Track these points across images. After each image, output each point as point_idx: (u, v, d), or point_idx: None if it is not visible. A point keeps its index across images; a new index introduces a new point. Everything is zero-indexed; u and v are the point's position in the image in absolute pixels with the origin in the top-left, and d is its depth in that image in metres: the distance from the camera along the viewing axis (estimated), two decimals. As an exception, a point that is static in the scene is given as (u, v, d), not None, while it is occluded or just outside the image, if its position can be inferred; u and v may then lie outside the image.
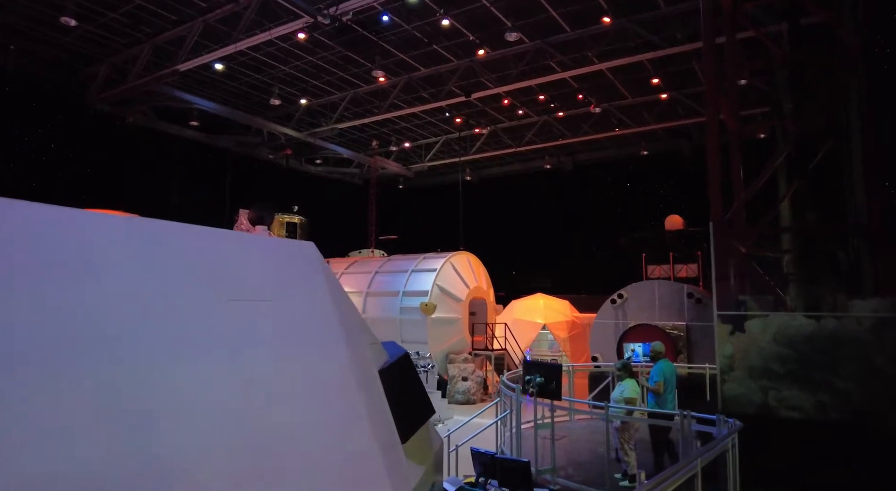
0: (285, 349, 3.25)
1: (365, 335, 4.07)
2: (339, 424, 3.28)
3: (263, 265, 3.49)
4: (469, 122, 25.90)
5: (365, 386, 3.62)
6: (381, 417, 3.69)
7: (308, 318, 3.50)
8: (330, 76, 21.70)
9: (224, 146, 25.84)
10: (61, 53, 19.76)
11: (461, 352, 17.42)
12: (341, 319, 3.68)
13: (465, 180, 31.52)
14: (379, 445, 3.43)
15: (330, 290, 3.74)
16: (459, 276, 18.15)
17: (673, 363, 8.44)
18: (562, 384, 7.04)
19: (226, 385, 2.86)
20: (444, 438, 9.17)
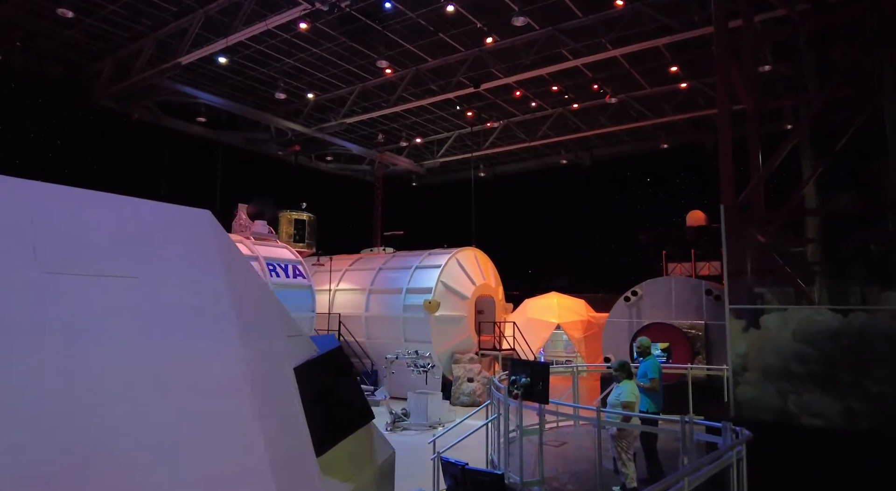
0: (144, 338, 2.58)
1: (279, 325, 3.39)
2: (211, 435, 2.60)
3: (131, 234, 2.83)
4: (481, 116, 25.16)
5: (264, 386, 2.94)
6: (285, 425, 3.00)
7: (187, 301, 2.83)
8: (336, 69, 21.18)
9: (232, 142, 25.56)
10: (66, 49, 19.61)
11: (467, 352, 16.69)
12: (237, 305, 3.00)
13: (479, 177, 30.79)
14: (270, 459, 2.74)
15: (226, 269, 3.07)
16: (465, 272, 17.42)
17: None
18: (549, 385, 6.26)
19: (45, 384, 2.21)
20: (430, 443, 8.47)
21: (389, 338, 17.02)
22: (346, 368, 3.74)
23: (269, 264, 14.92)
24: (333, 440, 3.36)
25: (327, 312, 18.48)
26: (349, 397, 3.69)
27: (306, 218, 23.11)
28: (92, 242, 2.64)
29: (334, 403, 3.52)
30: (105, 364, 2.41)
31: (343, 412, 3.57)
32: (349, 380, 3.74)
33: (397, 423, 13.03)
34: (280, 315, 3.45)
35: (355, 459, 3.66)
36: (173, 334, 2.68)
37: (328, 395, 3.50)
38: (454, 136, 27.56)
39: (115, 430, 2.33)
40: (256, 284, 3.34)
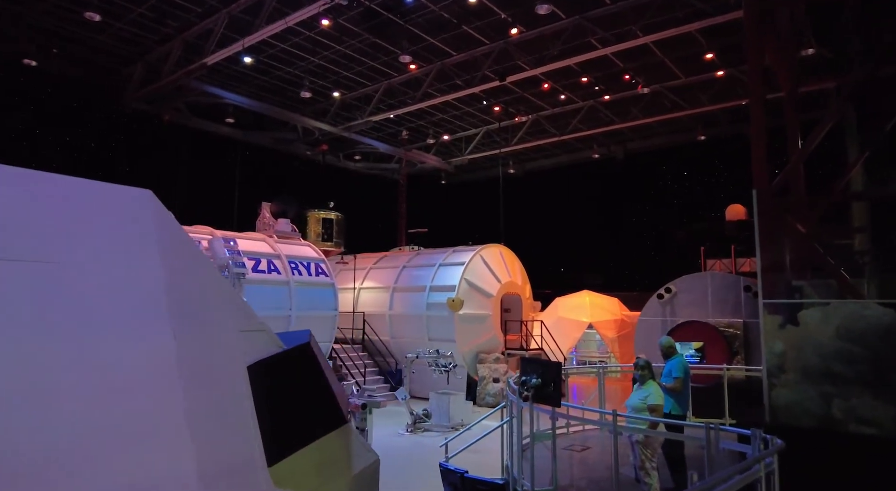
0: (49, 331, 2.25)
1: (230, 319, 3.04)
2: (126, 442, 2.26)
3: (49, 213, 2.52)
4: (509, 111, 24.63)
5: (201, 386, 2.59)
6: (227, 430, 2.64)
7: (110, 289, 2.50)
8: (360, 66, 21.00)
9: (260, 143, 25.72)
10: (99, 54, 19.98)
11: (492, 351, 16.22)
12: (174, 294, 2.66)
13: (509, 174, 30.26)
14: (201, 469, 2.38)
15: (164, 254, 2.73)
16: (490, 270, 16.95)
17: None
18: (561, 387, 5.78)
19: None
20: (441, 446, 8.07)
21: (413, 336, 16.70)
22: (313, 366, 3.37)
23: (291, 262, 14.79)
24: (292, 447, 3.00)
25: (352, 311, 18.30)
26: (316, 399, 3.32)
27: (334, 217, 23.03)
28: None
29: (296, 406, 3.16)
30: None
31: (307, 416, 3.21)
32: (318, 380, 3.37)
33: (418, 424, 12.68)
34: (234, 308, 3.11)
35: (324, 468, 3.29)
36: (88, 326, 2.36)
37: (288, 396, 3.14)
38: (482, 133, 27.11)
39: (9, 439, 2.01)
40: (205, 273, 3.00)
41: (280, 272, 14.39)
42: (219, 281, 3.08)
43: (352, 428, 3.84)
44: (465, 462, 9.44)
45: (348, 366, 16.46)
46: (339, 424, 3.41)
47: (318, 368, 3.37)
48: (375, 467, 3.96)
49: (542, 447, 8.00)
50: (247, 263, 13.61)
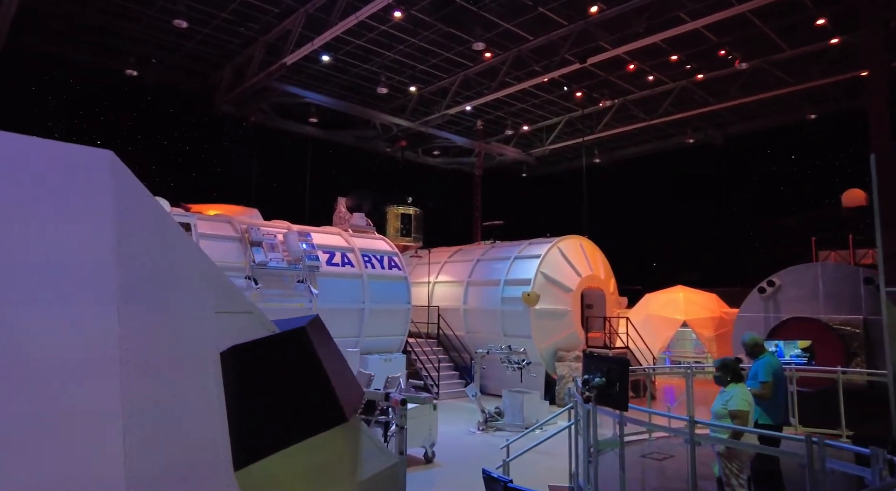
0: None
1: (203, 298, 2.67)
2: (46, 438, 1.92)
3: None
4: (592, 96, 23.41)
5: (150, 375, 2.23)
6: (180, 425, 2.27)
7: (44, 261, 2.19)
8: (435, 58, 20.72)
9: (343, 141, 26.20)
10: (190, 61, 21.09)
11: (572, 349, 15.33)
12: (128, 269, 2.32)
13: (594, 163, 28.90)
14: (139, 470, 2.01)
15: (120, 223, 2.40)
16: (569, 262, 16.03)
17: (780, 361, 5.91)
18: (628, 387, 5.03)
19: None
20: (503, 448, 7.50)
21: (488, 332, 16.16)
22: (306, 354, 2.94)
23: (364, 255, 14.73)
24: (273, 447, 2.58)
25: (426, 305, 18.06)
26: (307, 392, 2.89)
27: (412, 212, 22.98)
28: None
29: (280, 399, 2.74)
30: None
31: (294, 411, 2.79)
32: (311, 370, 2.94)
33: (490, 422, 12.14)
34: (210, 286, 2.74)
35: (317, 472, 2.85)
36: (10, 303, 2.05)
37: (271, 388, 2.73)
38: (564, 121, 26.01)
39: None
40: (174, 246, 2.65)
41: (353, 265, 14.36)
42: (193, 256, 2.73)
43: (361, 427, 3.39)
44: (531, 465, 8.80)
45: (422, 361, 16.22)
46: (338, 422, 2.96)
47: (313, 357, 2.94)
48: (395, 472, 3.49)
49: (616, 454, 7.22)
50: (321, 256, 13.68)
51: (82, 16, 17.73)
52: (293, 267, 13.02)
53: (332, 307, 13.51)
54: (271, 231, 13.48)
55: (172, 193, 20.19)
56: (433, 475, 9.05)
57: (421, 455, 9.71)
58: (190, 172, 22.41)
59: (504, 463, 6.45)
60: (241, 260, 12.68)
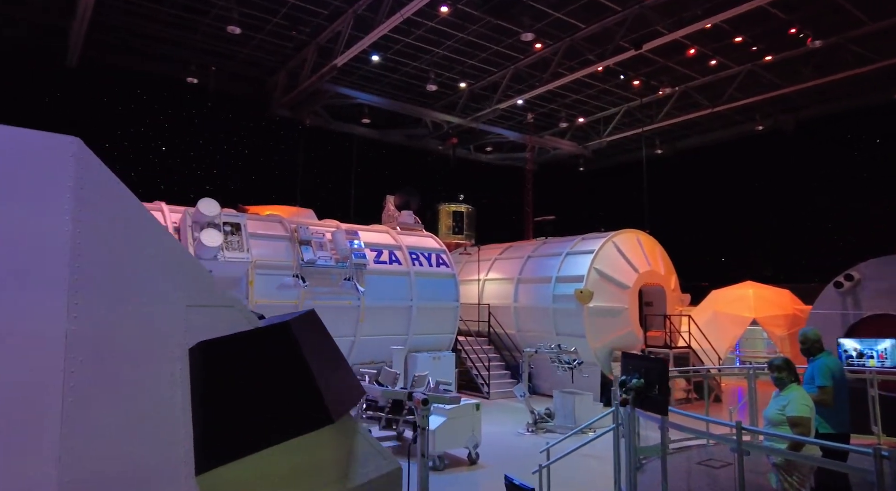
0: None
1: (172, 290, 2.54)
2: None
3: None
4: (650, 84, 22.40)
5: (101, 370, 2.10)
6: (132, 427, 2.13)
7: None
8: (485, 52, 20.39)
9: (395, 141, 26.32)
10: (247, 67, 21.72)
11: (629, 349, 14.65)
12: (84, 258, 2.21)
13: (655, 154, 27.69)
14: (76, 475, 1.88)
15: (81, 211, 2.29)
16: (625, 258, 15.34)
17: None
18: (669, 389, 4.59)
19: None
20: (543, 452, 7.15)
21: (540, 330, 15.70)
22: (289, 351, 2.76)
23: (411, 253, 14.65)
24: (241, 450, 2.41)
25: (476, 303, 17.78)
26: (288, 392, 2.71)
27: (464, 210, 22.76)
28: None
29: (254, 399, 2.57)
30: None
31: (270, 412, 2.61)
32: (294, 368, 2.76)
33: (539, 424, 11.74)
34: (181, 278, 2.60)
35: (299, 477, 2.67)
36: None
37: (244, 386, 2.56)
38: (622, 111, 25.04)
39: None
40: (143, 236, 2.52)
41: (401, 263, 14.30)
42: (164, 248, 2.60)
43: (357, 429, 3.18)
44: (576, 470, 8.38)
45: (472, 359, 15.96)
46: (322, 423, 2.76)
47: (295, 354, 2.76)
48: (392, 478, 3.26)
49: (672, 463, 6.72)
50: (368, 254, 13.69)
51: (146, 28, 18.57)
52: (341, 265, 13.09)
53: (379, 305, 13.50)
54: (320, 230, 13.61)
55: (233, 196, 20.97)
56: (475, 477, 8.80)
57: (465, 456, 9.48)
58: (249, 175, 23.10)
59: (540, 468, 6.10)
60: (291, 258, 12.86)
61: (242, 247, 11.88)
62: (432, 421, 9.14)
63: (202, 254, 11.35)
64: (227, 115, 22.92)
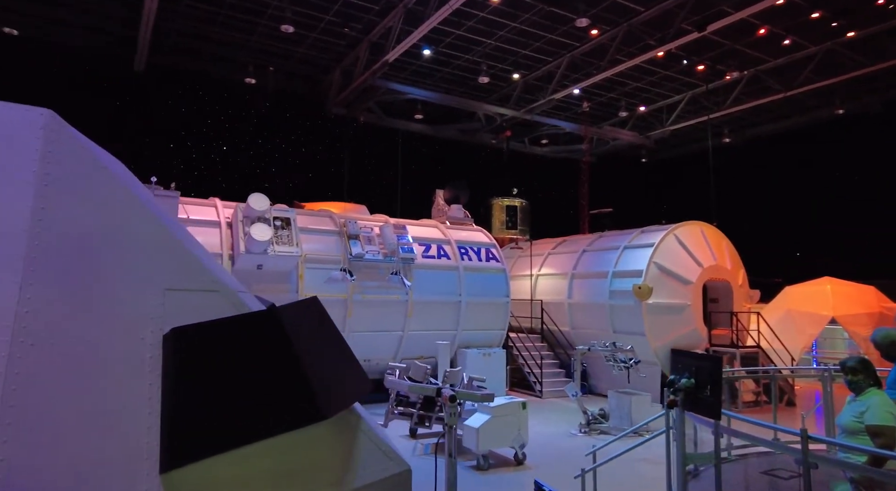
0: None
1: (157, 272, 2.37)
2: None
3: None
4: (716, 69, 21.15)
5: (54, 356, 1.94)
6: (87, 419, 1.96)
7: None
8: (538, 41, 19.83)
9: (448, 136, 26.13)
10: (303, 66, 22.07)
11: (693, 347, 13.82)
12: (45, 234, 2.06)
13: (723, 143, 26.23)
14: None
15: (46, 185, 2.15)
16: (688, 251, 14.47)
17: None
18: (721, 390, 4.10)
19: None
20: (588, 455, 6.71)
21: (595, 328, 15.06)
22: (276, 340, 2.54)
23: (460, 247, 14.38)
24: (215, 447, 2.20)
25: (529, 299, 17.30)
26: (273, 384, 2.48)
27: (518, 204, 22.29)
28: None
29: (234, 391, 2.37)
30: None
31: (251, 406, 2.39)
32: (282, 358, 2.53)
33: (593, 425, 11.21)
34: (160, 260, 2.42)
35: (283, 478, 2.45)
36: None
37: (223, 377, 2.36)
38: (685, 99, 23.80)
39: None
40: (119, 215, 2.36)
41: (450, 257, 14.06)
42: (143, 228, 2.43)
43: (360, 426, 2.94)
44: (627, 474, 7.87)
45: (525, 356, 15.53)
46: (312, 419, 2.53)
47: (283, 343, 2.54)
48: (400, 481, 3.00)
49: (727, 469, 6.14)
50: (416, 248, 13.53)
51: (206, 31, 19.17)
52: (388, 259, 12.99)
53: (428, 299, 13.32)
54: (368, 224, 13.57)
55: (290, 193, 21.41)
56: (520, 478, 8.44)
57: (511, 456, 9.14)
58: (306, 173, 23.51)
59: (583, 472, 5.69)
60: (340, 253, 12.88)
61: (292, 241, 11.98)
62: (476, 419, 8.86)
63: (252, 248, 11.52)
64: (285, 115, 23.41)
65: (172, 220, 3.30)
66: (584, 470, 5.76)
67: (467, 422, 8.88)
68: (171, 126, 21.11)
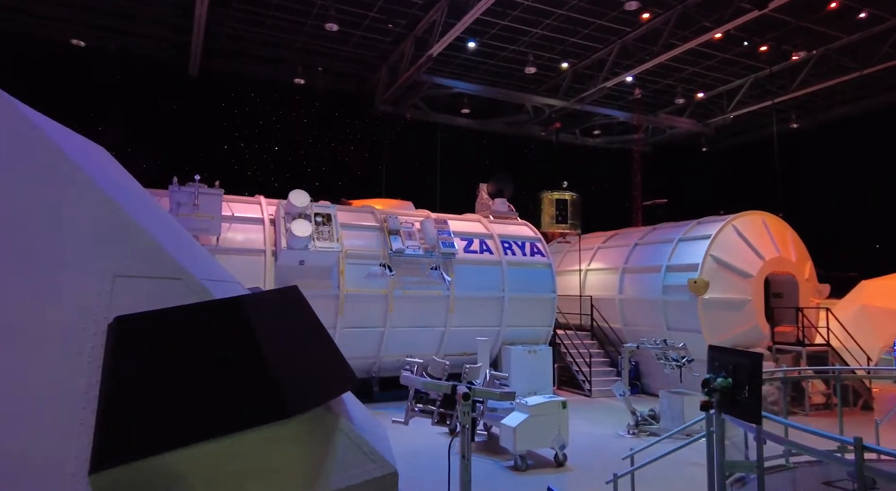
0: None
1: (104, 258, 2.24)
2: None
3: None
4: (780, 49, 19.80)
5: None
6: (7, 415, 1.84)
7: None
8: (587, 28, 19.16)
9: (495, 130, 25.74)
10: (351, 65, 22.25)
11: (754, 346, 12.95)
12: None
13: (791, 128, 24.61)
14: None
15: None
16: (748, 243, 13.55)
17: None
18: (761, 391, 3.65)
19: None
20: (626, 459, 6.29)
21: (648, 324, 14.36)
22: (237, 331, 2.36)
23: (503, 242, 14.03)
24: (151, 447, 2.05)
25: (578, 295, 16.71)
26: (231, 378, 2.30)
27: (569, 197, 21.66)
28: None
29: (184, 385, 2.20)
30: None
31: (204, 401, 2.22)
32: (243, 350, 2.35)
33: (642, 426, 10.66)
34: (111, 243, 2.28)
35: (241, 480, 2.27)
36: None
37: (173, 370, 2.20)
38: (748, 83, 22.43)
39: None
40: (60, 196, 2.23)
41: (492, 252, 13.74)
42: (94, 207, 2.30)
43: (337, 425, 2.73)
44: (669, 479, 7.36)
45: (573, 354, 15.00)
46: (275, 417, 2.33)
47: (246, 335, 2.36)
48: (384, 486, 2.77)
49: (780, 479, 5.60)
50: (457, 243, 13.30)
51: (255, 34, 19.61)
52: (429, 254, 12.82)
53: (470, 295, 13.07)
54: (409, 220, 13.45)
55: (339, 191, 21.64)
56: (558, 480, 8.06)
57: (551, 457, 8.77)
58: (355, 171, 23.70)
59: (615, 477, 5.29)
60: (381, 248, 12.82)
61: (332, 237, 12.00)
62: (513, 418, 8.55)
63: (293, 244, 11.61)
64: (334, 114, 23.69)
65: (156, 209, 3.20)
66: (616, 475, 5.36)
67: (504, 421, 8.59)
68: (224, 129, 21.75)
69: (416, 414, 5.11)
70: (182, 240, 3.13)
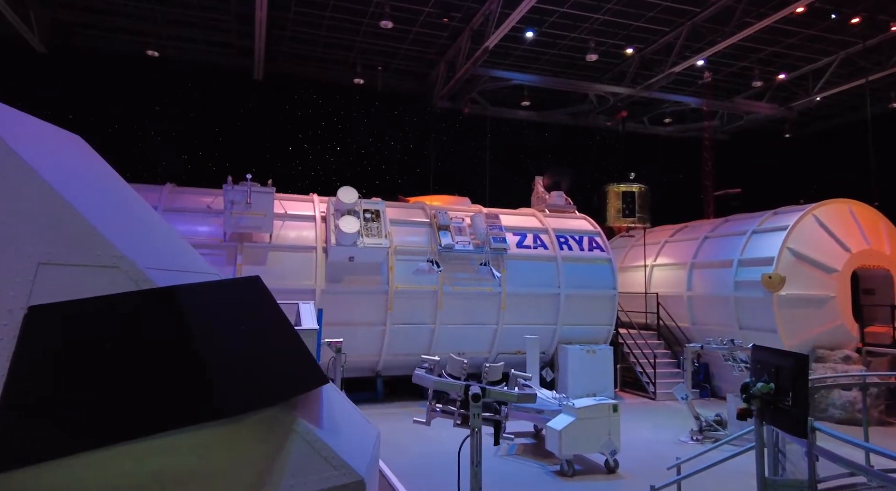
0: None
1: (28, 243, 2.13)
2: None
3: None
4: (876, 21, 17.92)
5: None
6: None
7: None
8: (652, 10, 18.16)
9: (558, 121, 24.98)
10: (408, 62, 22.27)
11: (839, 347, 11.74)
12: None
13: (890, 109, 22.32)
14: None
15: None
16: (832, 235, 12.28)
17: None
18: (808, 399, 3.11)
19: None
20: (672, 469, 5.75)
21: (719, 324, 13.33)
22: (167, 324, 2.18)
23: (559, 236, 13.46)
24: (57, 449, 1.89)
25: (643, 292, 15.80)
26: (153, 376, 2.11)
27: (636, 190, 20.63)
28: None
29: (98, 383, 2.03)
30: None
31: (120, 401, 2.05)
32: (175, 344, 2.17)
33: (707, 432, 9.87)
34: (35, 227, 2.15)
35: (178, 486, 2.09)
36: None
37: (95, 364, 2.04)
38: (837, 60, 20.51)
39: None
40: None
41: (547, 247, 13.22)
42: (15, 188, 2.17)
43: (294, 427, 2.50)
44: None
45: (637, 355, 14.19)
46: (209, 417, 2.13)
47: (175, 327, 2.17)
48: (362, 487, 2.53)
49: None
50: (509, 238, 12.90)
51: (315, 36, 19.99)
52: (479, 250, 12.50)
53: (523, 292, 12.63)
54: (459, 215, 13.19)
55: (398, 189, 21.72)
56: (607, 488, 7.54)
57: (601, 463, 8.25)
58: (414, 168, 23.71)
59: (658, 484, 4.78)
60: (431, 244, 12.64)
61: (381, 233, 11.94)
62: (559, 421, 8.10)
63: (342, 240, 11.64)
64: (394, 112, 23.78)
65: (130, 202, 3.10)
66: (653, 488, 4.85)
67: (550, 423, 8.17)
68: (289, 130, 22.35)
69: (438, 414, 4.86)
70: (154, 232, 3.01)
